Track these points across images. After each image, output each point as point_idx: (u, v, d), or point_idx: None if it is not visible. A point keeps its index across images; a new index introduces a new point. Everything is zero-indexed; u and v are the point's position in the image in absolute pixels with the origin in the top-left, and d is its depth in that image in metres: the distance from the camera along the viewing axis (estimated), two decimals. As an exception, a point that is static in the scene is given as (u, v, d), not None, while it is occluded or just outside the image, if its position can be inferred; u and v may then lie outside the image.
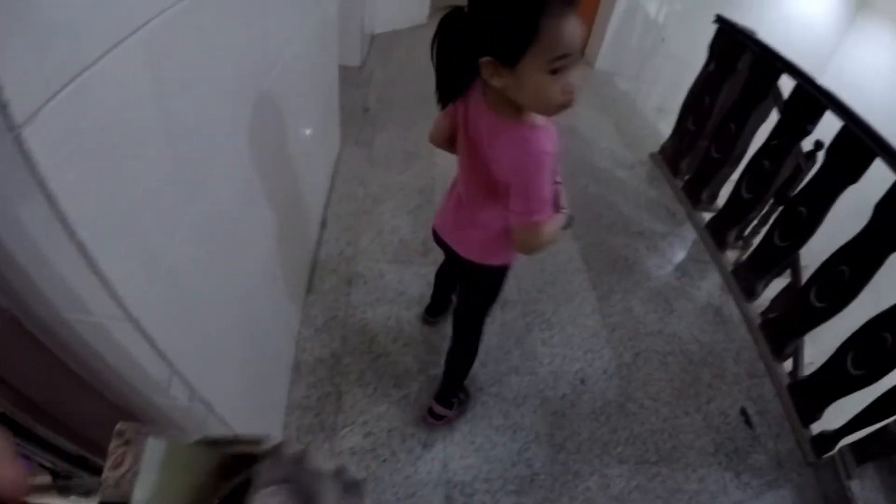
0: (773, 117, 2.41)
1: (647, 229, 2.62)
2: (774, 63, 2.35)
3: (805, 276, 2.13)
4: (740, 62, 2.62)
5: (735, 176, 2.62)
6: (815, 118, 2.14)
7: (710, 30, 2.85)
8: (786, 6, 4.86)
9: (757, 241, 2.48)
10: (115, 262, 0.60)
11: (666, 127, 3.92)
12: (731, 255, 2.63)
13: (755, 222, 2.59)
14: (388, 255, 2.03)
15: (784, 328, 2.16)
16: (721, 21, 2.78)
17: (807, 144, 2.21)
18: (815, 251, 2.07)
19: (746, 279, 2.40)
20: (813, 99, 2.11)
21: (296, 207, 1.70)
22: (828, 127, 2.02)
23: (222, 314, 1.01)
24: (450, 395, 1.56)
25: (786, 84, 2.29)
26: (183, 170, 0.77)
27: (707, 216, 2.83)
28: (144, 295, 0.68)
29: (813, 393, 1.91)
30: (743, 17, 4.20)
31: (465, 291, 1.41)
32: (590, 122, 3.49)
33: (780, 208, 2.29)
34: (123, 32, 0.57)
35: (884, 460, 1.64)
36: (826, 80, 2.15)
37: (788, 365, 2.11)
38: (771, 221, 2.38)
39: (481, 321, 1.41)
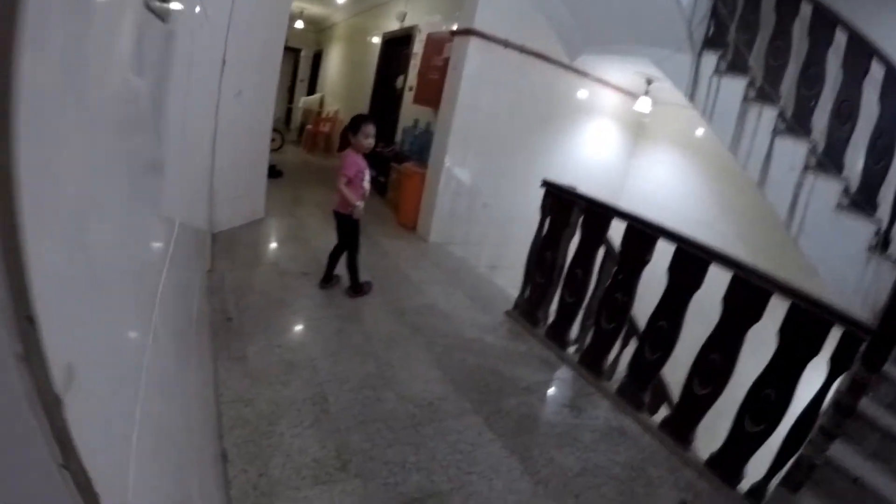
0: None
1: (532, 382, 2.72)
2: (602, 211, 2.86)
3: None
4: (572, 216, 3.10)
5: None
6: (650, 248, 2.58)
7: (524, 189, 3.30)
8: (583, 148, 5.85)
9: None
10: None
11: (502, 281, 4.41)
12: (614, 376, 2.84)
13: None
14: (307, 479, 1.76)
15: (681, 423, 2.34)
16: (547, 184, 3.31)
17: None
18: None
19: (632, 395, 2.56)
20: (644, 233, 2.58)
21: (191, 449, 1.40)
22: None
23: None
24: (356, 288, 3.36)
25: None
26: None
27: (573, 349, 3.08)
28: None
29: (729, 459, 2.15)
30: (552, 164, 5.30)
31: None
32: (443, 297, 3.71)
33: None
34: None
35: (810, 482, 1.82)
36: (625, 197, 2.69)
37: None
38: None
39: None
